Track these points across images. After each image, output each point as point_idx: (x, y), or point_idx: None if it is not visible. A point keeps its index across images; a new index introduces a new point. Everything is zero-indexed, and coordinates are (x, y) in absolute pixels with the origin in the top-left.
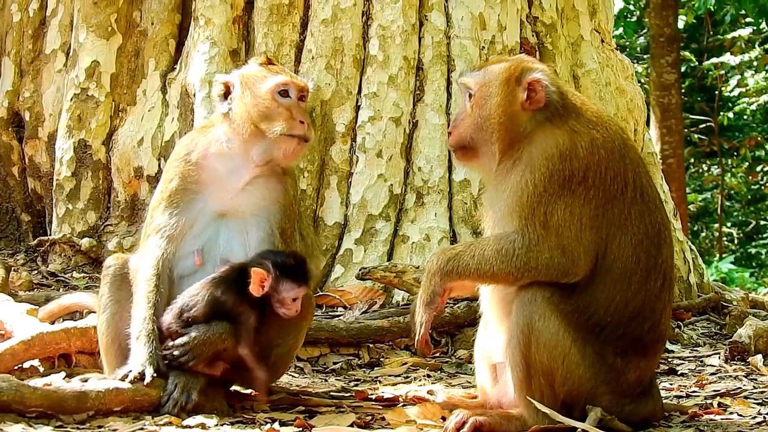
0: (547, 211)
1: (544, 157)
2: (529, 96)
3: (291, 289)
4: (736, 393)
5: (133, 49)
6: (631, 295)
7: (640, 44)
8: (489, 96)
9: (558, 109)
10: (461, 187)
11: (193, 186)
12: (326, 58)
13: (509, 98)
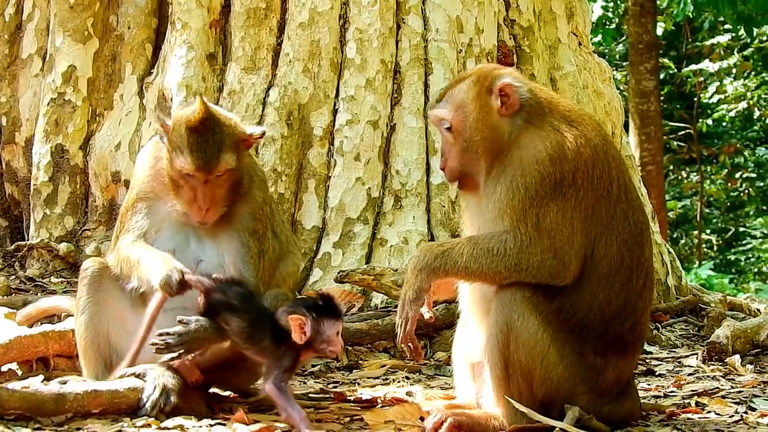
0: (539, 214)
1: (535, 161)
2: (503, 102)
3: (332, 325)
4: (713, 393)
5: (110, 54)
6: (614, 294)
7: (618, 51)
8: (466, 117)
9: (533, 107)
10: (439, 190)
11: (151, 195)
12: (303, 61)
13: (485, 110)
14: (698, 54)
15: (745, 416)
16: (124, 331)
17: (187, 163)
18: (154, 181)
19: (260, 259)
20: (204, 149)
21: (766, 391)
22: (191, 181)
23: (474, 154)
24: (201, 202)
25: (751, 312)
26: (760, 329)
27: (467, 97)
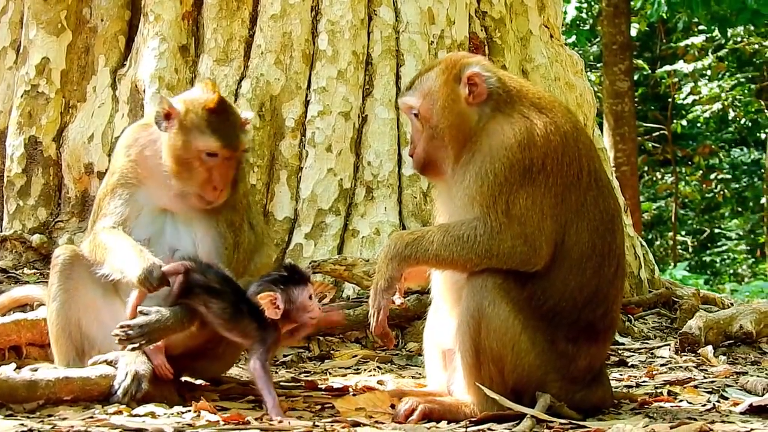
0: (509, 200)
1: (503, 147)
2: (471, 90)
3: (302, 291)
4: (686, 382)
5: (83, 46)
6: (586, 281)
7: (593, 52)
8: (433, 104)
9: (502, 96)
10: (411, 182)
11: (133, 180)
12: (275, 53)
13: (452, 97)
14: (672, 55)
15: (717, 405)
16: (96, 318)
17: (212, 142)
18: (138, 166)
19: (235, 251)
20: (227, 128)
21: (738, 381)
22: (209, 162)
23: (440, 142)
24: (217, 181)
25: (724, 306)
26: (733, 320)
27: (435, 84)
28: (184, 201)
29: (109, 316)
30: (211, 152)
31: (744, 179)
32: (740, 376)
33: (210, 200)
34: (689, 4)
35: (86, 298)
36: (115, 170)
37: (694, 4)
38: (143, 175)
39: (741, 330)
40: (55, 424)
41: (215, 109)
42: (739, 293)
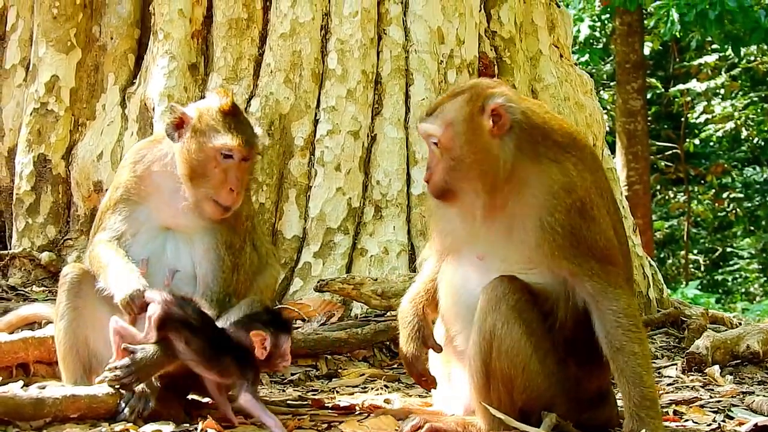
0: (590, 244)
1: (551, 195)
2: (495, 122)
3: (286, 339)
4: (692, 402)
5: (93, 64)
6: None
7: (606, 71)
8: (456, 136)
9: (526, 130)
10: (419, 201)
11: (136, 197)
12: (285, 72)
13: (477, 131)
14: (686, 74)
15: (722, 425)
16: (104, 336)
17: (229, 140)
18: (142, 183)
19: (234, 273)
20: (243, 128)
21: (744, 401)
22: (224, 163)
23: (461, 173)
24: (233, 183)
25: (732, 326)
26: (740, 340)
27: (459, 115)
28: (194, 214)
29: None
30: (228, 151)
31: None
32: (746, 395)
33: (227, 205)
34: (702, 23)
35: (94, 315)
36: (120, 185)
37: (708, 23)
38: (147, 192)
39: (748, 350)
40: None
41: (230, 111)
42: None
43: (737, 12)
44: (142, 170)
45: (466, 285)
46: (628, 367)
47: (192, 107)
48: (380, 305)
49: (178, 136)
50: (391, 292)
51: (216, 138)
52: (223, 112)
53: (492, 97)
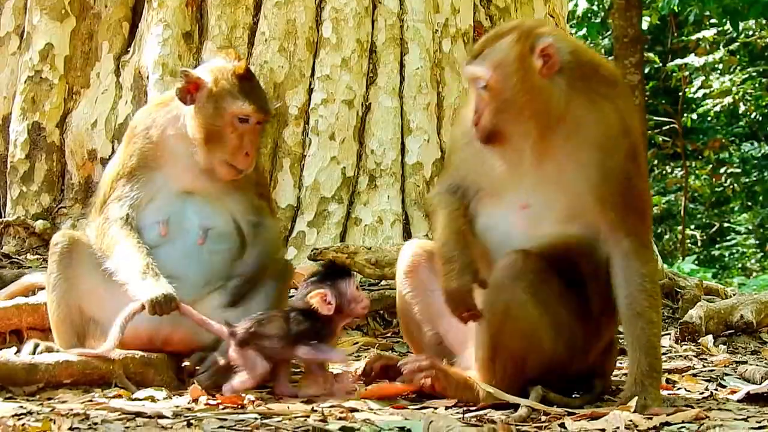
0: (638, 196)
1: (609, 138)
2: (545, 62)
3: (349, 283)
4: (685, 371)
5: (87, 32)
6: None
7: (604, 45)
8: (505, 78)
9: (575, 71)
10: (414, 170)
11: (152, 164)
12: (279, 40)
13: (528, 72)
14: (684, 48)
15: (714, 393)
16: (98, 302)
17: (246, 105)
18: (158, 148)
19: (261, 226)
20: (258, 92)
21: (737, 370)
22: (240, 128)
23: (513, 116)
24: (248, 147)
25: (727, 297)
26: (734, 310)
27: (507, 57)
28: (209, 177)
29: (110, 298)
30: (244, 116)
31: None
32: (739, 365)
33: (241, 168)
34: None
35: (87, 284)
36: (134, 152)
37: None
38: (163, 157)
39: (741, 320)
40: (54, 407)
41: (245, 75)
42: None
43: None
44: (157, 135)
45: (510, 234)
46: (643, 335)
47: (205, 71)
48: (374, 274)
49: (192, 99)
50: (385, 261)
51: (233, 103)
52: (238, 76)
53: (541, 37)
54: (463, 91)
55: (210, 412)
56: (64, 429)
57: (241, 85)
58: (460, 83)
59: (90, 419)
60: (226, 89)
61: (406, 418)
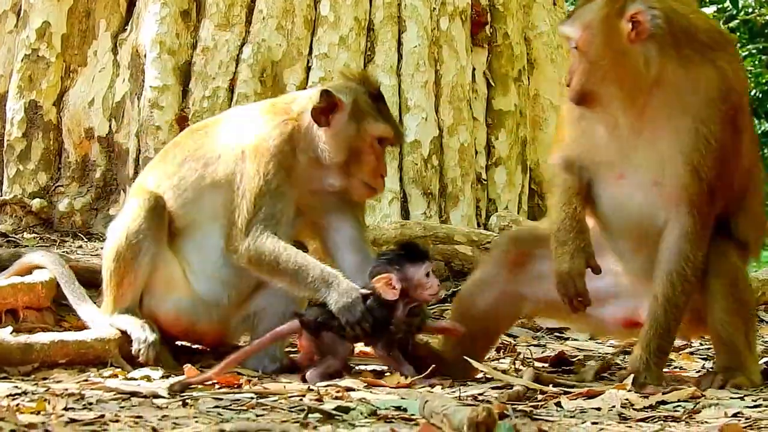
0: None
1: (706, 103)
2: (634, 27)
3: (418, 269)
4: (682, 349)
5: (84, 10)
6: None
7: None
8: (593, 38)
9: (668, 37)
10: (412, 148)
11: (289, 181)
12: (277, 18)
13: (615, 36)
14: None
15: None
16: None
17: (387, 129)
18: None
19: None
20: (390, 114)
21: None
22: (378, 149)
23: (601, 78)
24: (383, 169)
25: None
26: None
27: (596, 18)
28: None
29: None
30: (384, 138)
31: None
32: None
33: (376, 188)
34: None
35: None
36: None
37: None
38: (295, 175)
39: None
40: (49, 386)
41: (379, 96)
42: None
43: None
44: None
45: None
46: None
47: (338, 89)
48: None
49: (329, 120)
50: (383, 239)
51: (374, 126)
52: (374, 98)
53: (633, 1)
54: (460, 69)
55: (205, 392)
56: (59, 409)
57: (378, 107)
58: (458, 61)
59: (85, 399)
60: (366, 111)
61: (402, 397)
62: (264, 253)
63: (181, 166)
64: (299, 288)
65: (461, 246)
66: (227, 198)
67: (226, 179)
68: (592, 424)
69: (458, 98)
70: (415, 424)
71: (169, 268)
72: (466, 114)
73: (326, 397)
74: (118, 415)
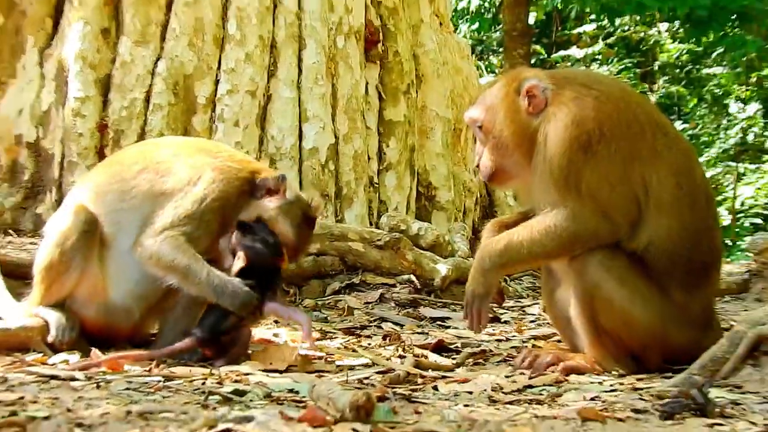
0: (577, 180)
1: (561, 129)
2: (530, 101)
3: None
4: (549, 337)
5: (14, 27)
6: (686, 219)
7: (495, 38)
8: (495, 118)
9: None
10: (310, 154)
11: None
12: (189, 36)
13: (514, 111)
14: (567, 41)
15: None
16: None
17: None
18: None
19: None
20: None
21: None
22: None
23: (505, 150)
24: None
25: None
26: None
27: (496, 98)
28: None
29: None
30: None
31: None
32: None
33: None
34: None
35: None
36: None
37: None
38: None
39: None
40: None
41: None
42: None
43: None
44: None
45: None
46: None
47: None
48: None
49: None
50: None
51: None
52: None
53: (526, 80)
54: (355, 83)
55: (118, 375)
56: None
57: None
58: (353, 76)
59: (8, 381)
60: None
61: (295, 380)
62: (167, 253)
63: (110, 183)
64: (194, 289)
65: (354, 243)
66: (152, 211)
67: (170, 191)
68: (464, 406)
69: (353, 109)
70: (303, 406)
71: (92, 279)
72: (360, 123)
73: (226, 381)
74: (37, 397)
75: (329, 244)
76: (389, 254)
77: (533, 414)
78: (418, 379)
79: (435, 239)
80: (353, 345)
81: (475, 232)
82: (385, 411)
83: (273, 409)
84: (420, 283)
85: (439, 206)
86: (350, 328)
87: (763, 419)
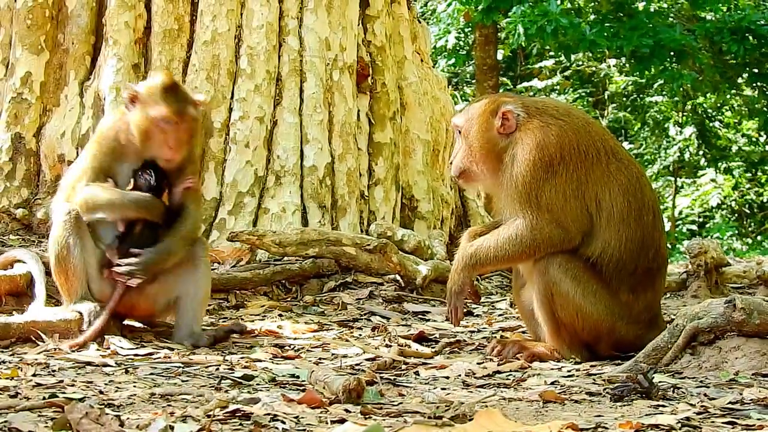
0: (538, 195)
1: (527, 151)
2: (503, 123)
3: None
4: (515, 329)
5: (58, 63)
6: (632, 232)
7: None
8: (472, 128)
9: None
10: (310, 172)
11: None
12: (207, 71)
13: (487, 126)
14: (529, 74)
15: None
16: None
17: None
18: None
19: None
20: (178, 101)
21: None
22: (165, 128)
23: (475, 158)
24: (173, 142)
25: None
26: None
27: (477, 112)
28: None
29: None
30: (163, 120)
31: None
32: None
33: (166, 158)
34: (542, 35)
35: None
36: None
37: (545, 36)
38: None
39: None
40: (22, 357)
41: (168, 87)
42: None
43: (568, 27)
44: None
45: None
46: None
47: (142, 85)
48: (278, 252)
49: (131, 108)
50: (287, 242)
51: (154, 109)
52: (162, 87)
53: (505, 104)
54: (348, 111)
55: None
56: (29, 375)
57: (164, 95)
58: (346, 104)
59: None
60: (151, 98)
61: (296, 367)
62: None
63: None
64: (117, 213)
65: (348, 247)
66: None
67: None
68: (441, 389)
69: (346, 133)
70: (303, 389)
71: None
72: (353, 145)
73: (237, 367)
74: (74, 381)
75: (326, 248)
76: (378, 257)
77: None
78: (402, 366)
79: (417, 244)
80: (346, 336)
81: (452, 238)
82: (374, 393)
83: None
84: (404, 282)
85: (420, 216)
86: (344, 321)
87: (699, 401)
